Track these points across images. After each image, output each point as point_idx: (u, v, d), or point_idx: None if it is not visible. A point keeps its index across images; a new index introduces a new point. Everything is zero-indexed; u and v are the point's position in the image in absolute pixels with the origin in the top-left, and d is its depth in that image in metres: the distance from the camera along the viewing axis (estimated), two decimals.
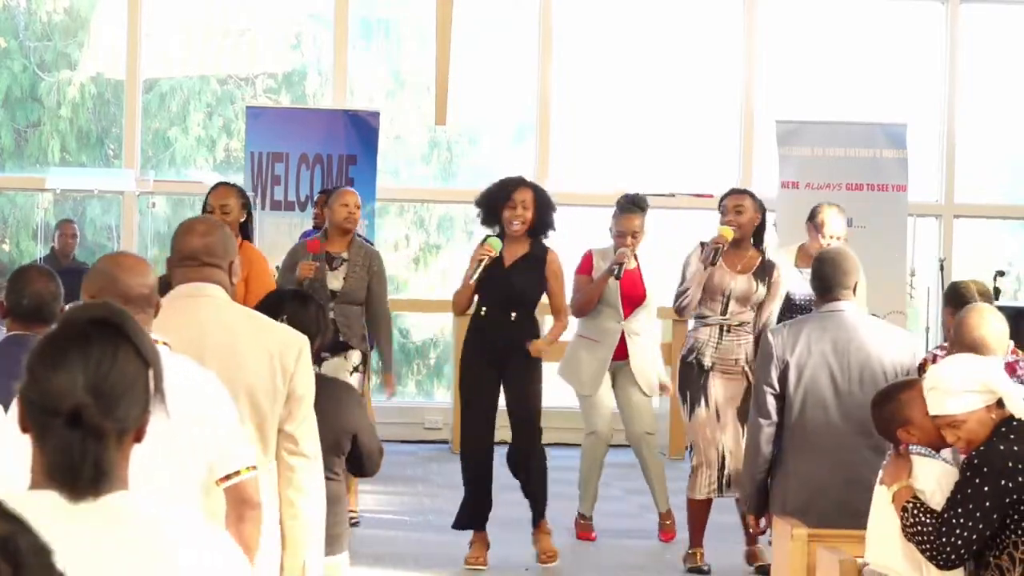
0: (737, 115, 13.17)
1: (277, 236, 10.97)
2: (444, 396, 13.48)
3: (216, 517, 3.59)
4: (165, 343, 3.64)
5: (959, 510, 4.47)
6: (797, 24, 13.41)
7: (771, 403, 6.04)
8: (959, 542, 4.46)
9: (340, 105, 12.57)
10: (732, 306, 7.88)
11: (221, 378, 3.65)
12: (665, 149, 13.47)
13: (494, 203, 7.99)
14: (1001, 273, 11.56)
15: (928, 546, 4.53)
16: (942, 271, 12.28)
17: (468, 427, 8.02)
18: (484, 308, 7.94)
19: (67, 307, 5.20)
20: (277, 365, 4.12)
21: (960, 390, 4.55)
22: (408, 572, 7.94)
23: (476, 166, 14.15)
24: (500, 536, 8.17)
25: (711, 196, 12.85)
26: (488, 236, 7.94)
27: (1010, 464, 4.45)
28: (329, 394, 5.14)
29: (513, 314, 7.91)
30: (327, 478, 4.93)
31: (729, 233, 7.81)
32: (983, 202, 13.84)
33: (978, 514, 4.45)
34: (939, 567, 4.54)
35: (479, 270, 7.82)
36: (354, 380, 8.50)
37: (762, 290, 7.91)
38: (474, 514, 8.03)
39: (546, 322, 8.79)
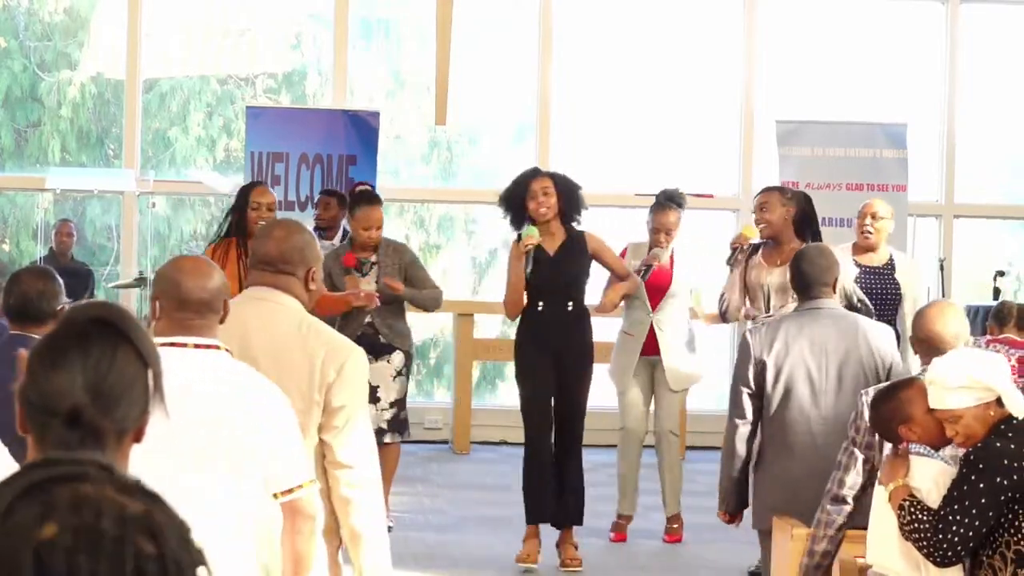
0: (737, 115, 13.17)
1: None
2: (444, 396, 13.48)
3: (271, 528, 3.57)
4: (227, 350, 3.62)
5: (955, 507, 4.48)
6: (797, 24, 13.41)
7: (747, 403, 6.07)
8: (955, 539, 4.47)
9: (340, 105, 12.58)
10: (773, 300, 7.81)
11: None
12: (665, 149, 13.47)
13: (517, 200, 7.96)
14: (1001, 273, 11.56)
15: (925, 543, 4.54)
16: (942, 271, 12.28)
17: (534, 425, 7.96)
18: (541, 303, 7.92)
19: (67, 307, 5.22)
20: (317, 375, 4.08)
21: (956, 386, 4.56)
22: (408, 572, 7.94)
23: (476, 166, 14.16)
24: (501, 536, 8.17)
25: (711, 196, 12.87)
26: (523, 230, 7.90)
27: (1006, 462, 4.46)
28: None
29: (570, 304, 7.92)
30: None
31: (751, 232, 7.78)
32: (983, 202, 13.84)
33: (974, 511, 4.46)
34: (936, 564, 4.54)
35: (529, 260, 7.81)
36: (396, 385, 8.50)
37: None
38: (532, 509, 7.98)
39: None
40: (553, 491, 7.96)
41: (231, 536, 3.41)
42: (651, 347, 8.61)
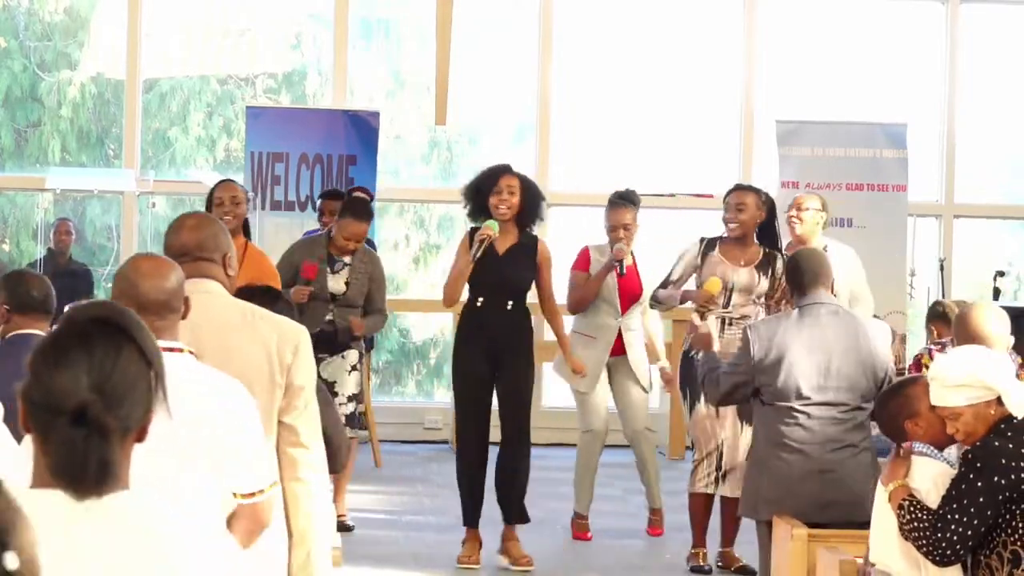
0: (737, 115, 13.17)
1: (277, 236, 10.96)
2: (444, 396, 13.47)
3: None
4: (191, 352, 3.60)
5: (954, 506, 4.49)
6: (797, 24, 13.41)
7: (737, 376, 6.13)
8: (954, 537, 4.48)
9: (340, 105, 12.57)
10: (735, 298, 7.92)
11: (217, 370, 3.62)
12: (665, 149, 13.47)
13: (481, 192, 7.96)
14: (1001, 273, 11.56)
15: (924, 542, 4.54)
16: (942, 271, 12.28)
17: (466, 423, 7.98)
18: (480, 299, 7.92)
19: (66, 307, 5.23)
20: (275, 358, 4.07)
21: (956, 383, 4.58)
22: (408, 572, 7.94)
23: (476, 166, 14.09)
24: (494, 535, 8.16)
25: (711, 196, 12.85)
26: (487, 222, 7.92)
27: (1004, 461, 4.47)
28: None
29: (509, 303, 7.91)
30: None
31: (716, 287, 7.85)
32: (983, 202, 13.84)
33: (972, 509, 4.46)
34: (936, 563, 4.55)
35: (479, 250, 7.79)
36: (352, 380, 8.52)
37: (764, 283, 7.94)
38: (469, 511, 8.00)
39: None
40: (497, 489, 7.96)
41: (214, 535, 3.41)
42: (616, 348, 8.62)
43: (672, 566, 8.15)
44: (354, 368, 8.52)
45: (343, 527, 8.52)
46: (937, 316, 8.11)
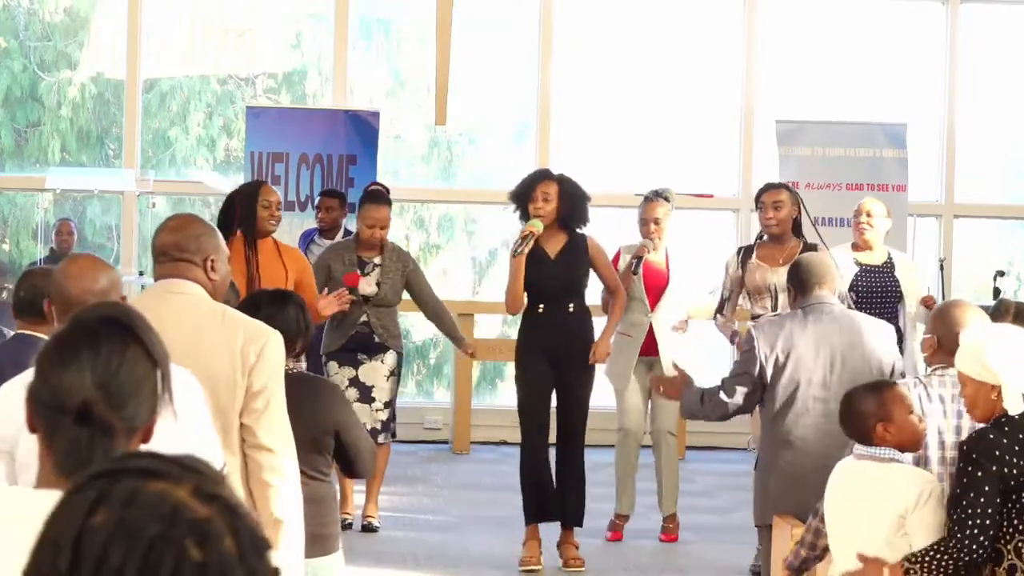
0: (737, 115, 13.17)
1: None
2: (444, 396, 13.47)
3: None
4: None
5: (964, 502, 4.50)
6: (797, 24, 13.41)
7: (743, 387, 6.09)
8: (976, 531, 4.48)
9: (340, 105, 12.57)
10: (782, 299, 7.89)
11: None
12: (665, 149, 13.47)
13: (522, 199, 8.05)
14: (1001, 273, 11.55)
15: (951, 554, 4.51)
16: (942, 271, 12.28)
17: (532, 428, 8.00)
18: (541, 304, 7.96)
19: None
20: (238, 358, 4.08)
21: (969, 354, 4.61)
22: (408, 572, 7.94)
23: (476, 166, 14.16)
24: (503, 535, 8.17)
25: (711, 196, 12.88)
26: (531, 220, 7.95)
27: (997, 453, 4.50)
28: (308, 392, 5.05)
29: (571, 306, 7.97)
30: (311, 477, 4.89)
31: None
32: (983, 202, 13.84)
33: (982, 499, 4.49)
34: (968, 563, 4.52)
35: (523, 246, 7.85)
36: (389, 386, 8.51)
37: None
38: (533, 511, 7.99)
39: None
40: (555, 491, 7.98)
41: None
42: (650, 347, 8.63)
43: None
44: (392, 374, 8.54)
45: (369, 528, 8.57)
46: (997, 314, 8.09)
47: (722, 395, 6.13)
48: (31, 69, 13.71)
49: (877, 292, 8.36)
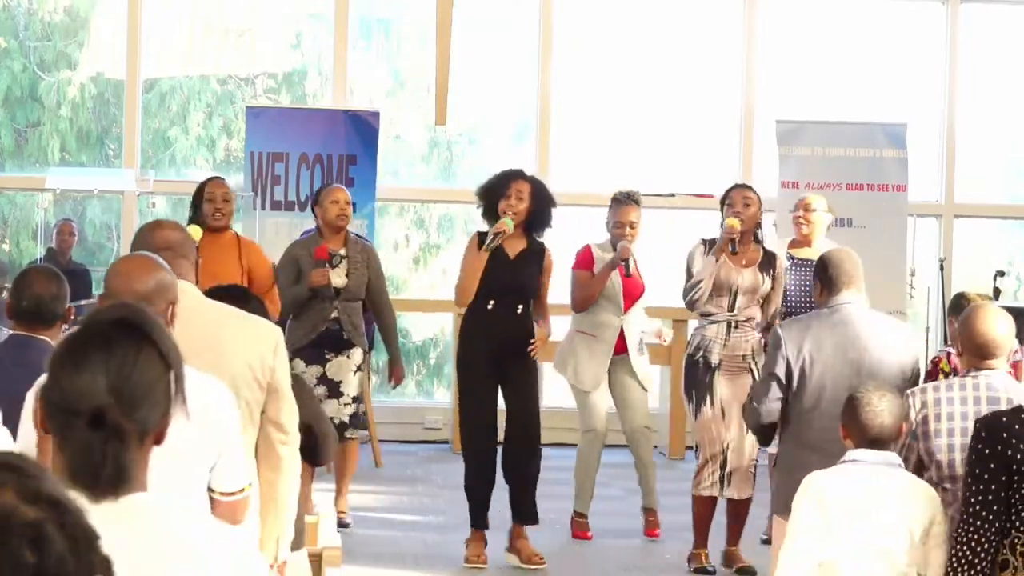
0: (737, 115, 13.17)
1: (277, 236, 10.97)
2: (444, 396, 13.47)
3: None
4: None
5: (969, 480, 4.65)
6: (797, 24, 13.41)
7: (774, 392, 6.04)
8: (978, 507, 4.59)
9: (340, 105, 12.57)
10: (740, 301, 7.90)
11: (204, 371, 3.64)
12: (665, 149, 13.47)
13: (493, 194, 8.00)
14: (1001, 273, 11.55)
15: (963, 536, 4.60)
16: (942, 271, 12.29)
17: (472, 427, 7.99)
18: (492, 301, 7.94)
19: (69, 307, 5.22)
20: (256, 356, 4.19)
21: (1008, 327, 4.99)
22: (408, 572, 7.94)
23: (476, 166, 14.14)
24: (500, 536, 8.16)
25: (711, 196, 12.85)
26: (504, 218, 7.94)
27: (1005, 435, 4.60)
28: None
29: (519, 307, 7.95)
30: None
31: (737, 224, 7.83)
32: (983, 202, 13.84)
33: (986, 476, 4.59)
34: (979, 542, 4.59)
35: (494, 242, 7.83)
36: (356, 380, 8.52)
37: (768, 282, 7.94)
38: (481, 513, 8.01)
39: None
40: (512, 491, 7.97)
41: (229, 536, 3.44)
42: (618, 346, 8.63)
43: (672, 566, 8.15)
44: (359, 368, 8.53)
45: (341, 524, 8.53)
46: (958, 310, 8.03)
47: (753, 402, 6.11)
48: (31, 69, 13.70)
49: (806, 287, 8.25)
